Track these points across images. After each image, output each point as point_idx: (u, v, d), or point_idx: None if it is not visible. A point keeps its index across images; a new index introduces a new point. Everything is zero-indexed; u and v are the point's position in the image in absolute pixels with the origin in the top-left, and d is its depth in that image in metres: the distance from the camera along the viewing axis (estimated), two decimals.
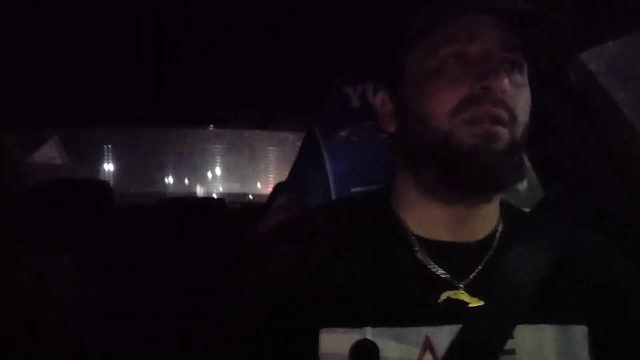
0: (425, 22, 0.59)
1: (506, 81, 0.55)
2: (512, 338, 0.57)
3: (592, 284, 0.62)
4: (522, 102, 0.58)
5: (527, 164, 1.05)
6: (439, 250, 0.61)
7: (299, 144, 1.03)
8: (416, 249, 0.61)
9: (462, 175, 0.57)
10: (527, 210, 0.77)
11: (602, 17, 0.84)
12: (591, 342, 0.59)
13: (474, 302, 0.59)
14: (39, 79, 1.42)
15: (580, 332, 0.59)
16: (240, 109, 1.88)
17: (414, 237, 0.62)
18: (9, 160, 1.85)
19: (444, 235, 0.62)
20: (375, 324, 0.56)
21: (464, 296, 0.59)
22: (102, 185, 1.97)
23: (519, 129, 0.58)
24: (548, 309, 0.59)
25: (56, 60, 1.30)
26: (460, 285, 0.59)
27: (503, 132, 0.56)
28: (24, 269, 0.91)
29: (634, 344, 0.60)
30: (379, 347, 0.55)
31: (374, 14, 0.82)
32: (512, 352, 0.56)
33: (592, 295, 0.61)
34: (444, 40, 0.58)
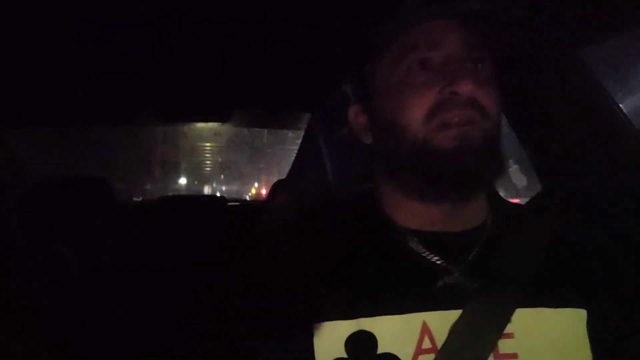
0: (387, 34, 0.61)
1: (472, 82, 0.57)
2: (511, 322, 0.57)
3: (588, 267, 0.62)
4: (490, 95, 0.60)
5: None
6: (431, 239, 0.62)
7: (298, 142, 1.04)
8: (408, 238, 0.62)
9: (445, 177, 0.58)
10: (519, 202, 0.78)
11: (602, 17, 0.84)
12: (590, 325, 0.59)
13: (471, 286, 0.59)
14: (37, 77, 1.42)
15: (578, 315, 0.59)
16: (240, 107, 1.88)
17: (404, 229, 0.64)
18: (6, 156, 1.85)
19: (433, 227, 0.63)
20: (370, 313, 0.57)
21: (460, 281, 0.59)
22: (101, 182, 1.97)
23: (492, 123, 0.60)
24: (545, 293, 0.59)
25: (54, 58, 1.30)
26: (456, 271, 0.60)
27: (476, 131, 0.58)
28: (24, 264, 0.91)
29: (631, 326, 0.60)
30: (376, 337, 0.55)
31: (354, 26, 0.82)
32: (510, 335, 0.57)
33: (589, 278, 0.61)
34: (407, 50, 0.60)
